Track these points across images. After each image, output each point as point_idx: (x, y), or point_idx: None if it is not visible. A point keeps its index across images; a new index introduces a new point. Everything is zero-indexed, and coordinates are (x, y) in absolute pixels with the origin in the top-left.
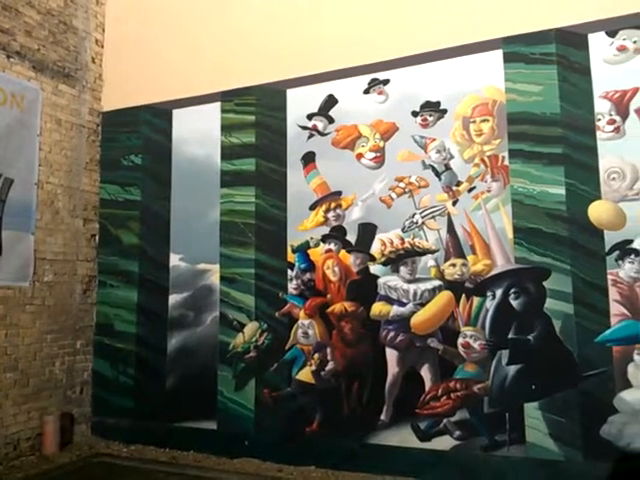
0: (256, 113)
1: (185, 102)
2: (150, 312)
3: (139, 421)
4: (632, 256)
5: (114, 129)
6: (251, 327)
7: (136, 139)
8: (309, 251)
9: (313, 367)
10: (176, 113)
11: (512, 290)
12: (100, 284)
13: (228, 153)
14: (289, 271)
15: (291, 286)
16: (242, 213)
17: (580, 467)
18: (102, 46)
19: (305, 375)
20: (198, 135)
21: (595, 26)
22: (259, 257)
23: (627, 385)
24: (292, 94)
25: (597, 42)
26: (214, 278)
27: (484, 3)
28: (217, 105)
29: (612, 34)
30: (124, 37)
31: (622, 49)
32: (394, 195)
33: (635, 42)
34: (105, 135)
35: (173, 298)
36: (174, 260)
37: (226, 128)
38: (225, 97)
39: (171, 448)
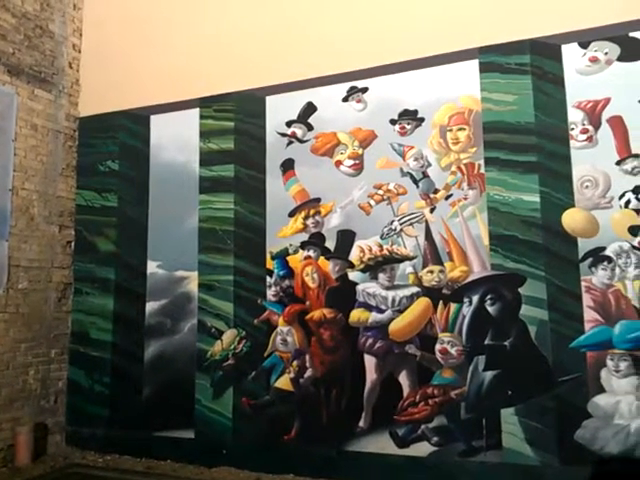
0: (235, 119)
1: (163, 108)
2: (127, 320)
3: (115, 431)
4: (605, 263)
5: (91, 135)
6: (229, 334)
7: (113, 145)
8: (288, 258)
9: (292, 374)
10: (154, 119)
11: (488, 296)
12: (76, 291)
13: (207, 159)
14: (268, 278)
15: (270, 293)
16: (221, 220)
17: (555, 472)
18: (79, 51)
19: (284, 383)
20: (176, 141)
21: (568, 37)
22: (238, 264)
23: (600, 390)
24: (271, 101)
25: (570, 53)
26: (192, 285)
27: (461, 13)
28: (196, 111)
29: (584, 45)
30: (102, 42)
31: (594, 60)
32: (373, 202)
33: (606, 53)
34: (82, 141)
35: (150, 306)
36: (151, 267)
37: (205, 134)
38: (204, 103)
39: (148, 458)
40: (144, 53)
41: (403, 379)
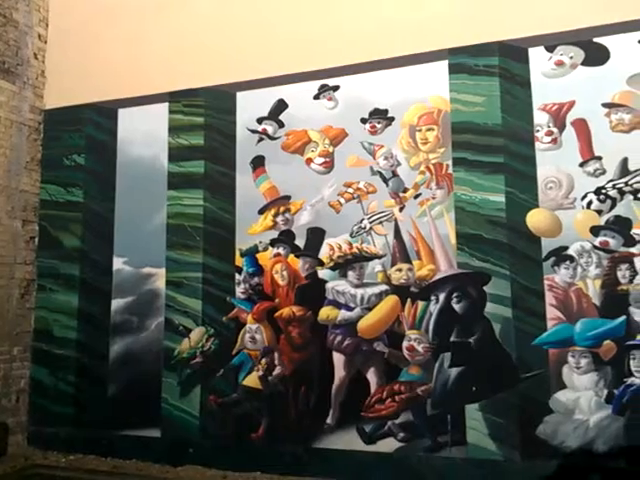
0: (205, 115)
1: (131, 102)
2: (91, 317)
3: (79, 430)
4: (567, 262)
5: (57, 128)
6: (197, 332)
7: (79, 138)
8: (257, 255)
9: (260, 372)
10: (122, 113)
11: (454, 294)
12: (39, 288)
13: (176, 155)
14: (237, 275)
15: (239, 290)
16: (190, 216)
17: (518, 466)
18: (45, 42)
19: (252, 380)
20: (144, 136)
21: (535, 41)
22: (207, 261)
23: (562, 386)
24: (242, 97)
25: (537, 56)
26: (159, 282)
27: (431, 15)
28: (165, 106)
29: (551, 49)
30: (69, 33)
31: (560, 64)
32: (343, 200)
33: (572, 57)
34: (47, 134)
35: (116, 303)
36: (118, 264)
37: (174, 129)
38: (173, 98)
39: (113, 457)
40: (112, 45)
41: (371, 376)
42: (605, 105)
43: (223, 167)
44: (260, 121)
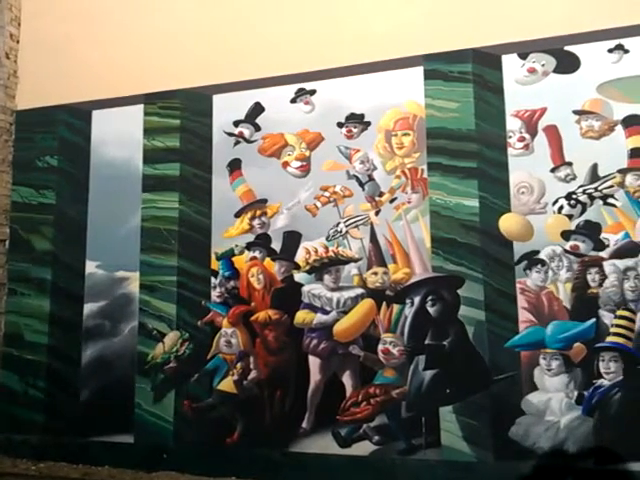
0: (181, 117)
1: (106, 103)
2: (63, 322)
3: (50, 436)
4: (539, 266)
5: (29, 129)
6: (172, 337)
7: (52, 140)
8: (233, 259)
9: (235, 376)
10: (96, 114)
11: (429, 297)
12: (9, 292)
13: (151, 157)
14: (213, 279)
15: (214, 294)
16: (165, 219)
17: (491, 467)
18: (17, 41)
19: (227, 385)
20: (119, 138)
21: (508, 48)
22: (182, 264)
23: (533, 388)
24: (218, 100)
25: (510, 63)
26: (133, 286)
27: (407, 21)
28: (140, 108)
29: (523, 56)
30: (42, 33)
31: (532, 71)
32: (319, 204)
33: (543, 65)
34: (19, 135)
35: (88, 307)
36: (90, 267)
37: (149, 131)
38: (149, 100)
39: (84, 464)
40: (87, 46)
41: (346, 379)
42: (576, 112)
43: (199, 170)
44: (237, 124)
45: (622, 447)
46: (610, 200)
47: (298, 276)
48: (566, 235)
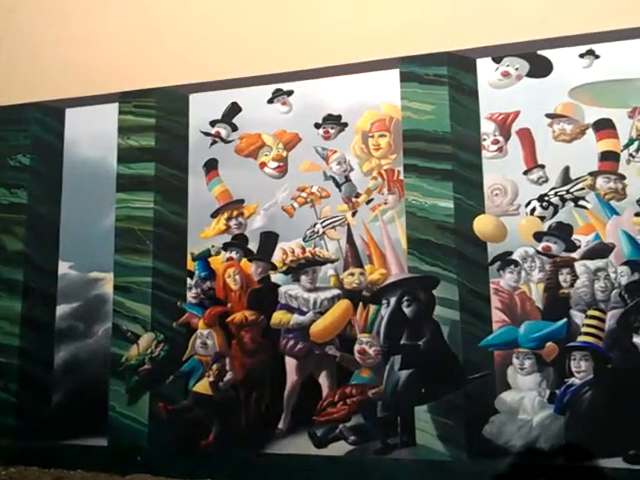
0: (157, 116)
1: (80, 101)
2: (35, 323)
3: (21, 440)
4: (512, 267)
5: (1, 127)
6: (146, 338)
7: (24, 138)
8: (210, 259)
9: (211, 378)
10: (69, 112)
11: (405, 298)
12: None
13: (125, 156)
14: (189, 280)
15: (190, 295)
16: (139, 219)
17: (465, 466)
18: None
19: (202, 387)
20: (93, 137)
21: (483, 52)
22: (157, 265)
23: (506, 387)
24: (195, 99)
25: (484, 67)
26: (107, 287)
27: (383, 23)
28: (115, 106)
29: (497, 60)
30: (13, 28)
31: (506, 75)
32: (296, 205)
33: (517, 69)
34: None
35: (61, 309)
36: (63, 268)
37: (124, 130)
38: (123, 98)
39: (57, 468)
40: (61, 42)
41: (323, 380)
42: (548, 116)
43: (175, 170)
44: (213, 124)
45: (592, 444)
46: (581, 202)
47: (275, 277)
48: (538, 236)
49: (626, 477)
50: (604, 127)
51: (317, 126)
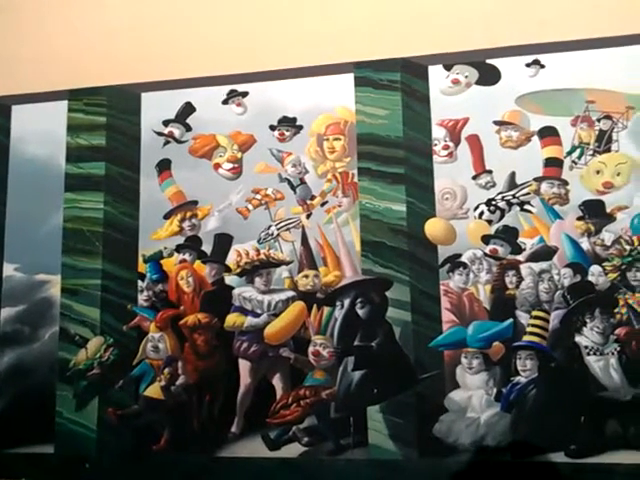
0: (107, 115)
1: (27, 98)
2: None
3: None
4: (461, 269)
5: None
6: (95, 342)
7: None
8: (162, 261)
9: (163, 382)
10: (16, 109)
11: (359, 300)
12: None
13: (74, 155)
14: (140, 282)
15: (141, 298)
16: (88, 220)
17: (416, 464)
18: None
19: (154, 391)
20: (41, 135)
21: (434, 59)
22: (106, 267)
23: (455, 386)
24: (147, 98)
25: (436, 74)
26: (54, 290)
27: (339, 28)
28: (64, 104)
29: (448, 68)
30: None
31: (456, 82)
32: (251, 206)
33: (467, 77)
34: None
35: (5, 312)
36: (8, 270)
37: (73, 128)
38: (73, 96)
39: (1, 478)
40: (7, 38)
41: (277, 382)
42: (496, 123)
43: (126, 169)
44: (166, 123)
45: (536, 440)
46: (526, 206)
47: (229, 279)
48: (486, 239)
49: (568, 470)
50: (548, 134)
51: (272, 128)
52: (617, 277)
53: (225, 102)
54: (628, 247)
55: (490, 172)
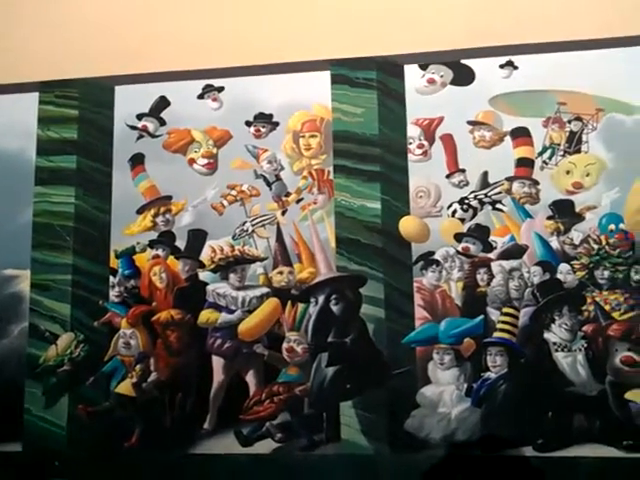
0: (80, 108)
1: None
2: None
3: None
4: (434, 266)
5: None
6: (65, 338)
7: None
8: (135, 257)
9: (134, 379)
10: None
11: (333, 296)
12: None
13: (45, 148)
14: (112, 277)
15: (113, 293)
16: (59, 214)
17: (387, 459)
18: None
19: (125, 388)
20: (10, 127)
21: (410, 58)
22: (77, 262)
23: (427, 382)
24: (121, 91)
25: (411, 73)
26: (23, 285)
27: (316, 25)
28: (35, 96)
29: (424, 67)
30: None
31: (431, 82)
32: (225, 202)
33: (442, 76)
34: None
35: None
36: None
37: (44, 121)
38: (44, 88)
39: None
40: None
41: (250, 378)
42: (470, 122)
43: (98, 163)
44: (140, 117)
45: (505, 434)
46: (498, 205)
47: (203, 275)
48: (458, 237)
49: (535, 464)
50: (520, 135)
51: (248, 124)
52: (585, 275)
53: (201, 97)
54: (596, 246)
55: (463, 171)
